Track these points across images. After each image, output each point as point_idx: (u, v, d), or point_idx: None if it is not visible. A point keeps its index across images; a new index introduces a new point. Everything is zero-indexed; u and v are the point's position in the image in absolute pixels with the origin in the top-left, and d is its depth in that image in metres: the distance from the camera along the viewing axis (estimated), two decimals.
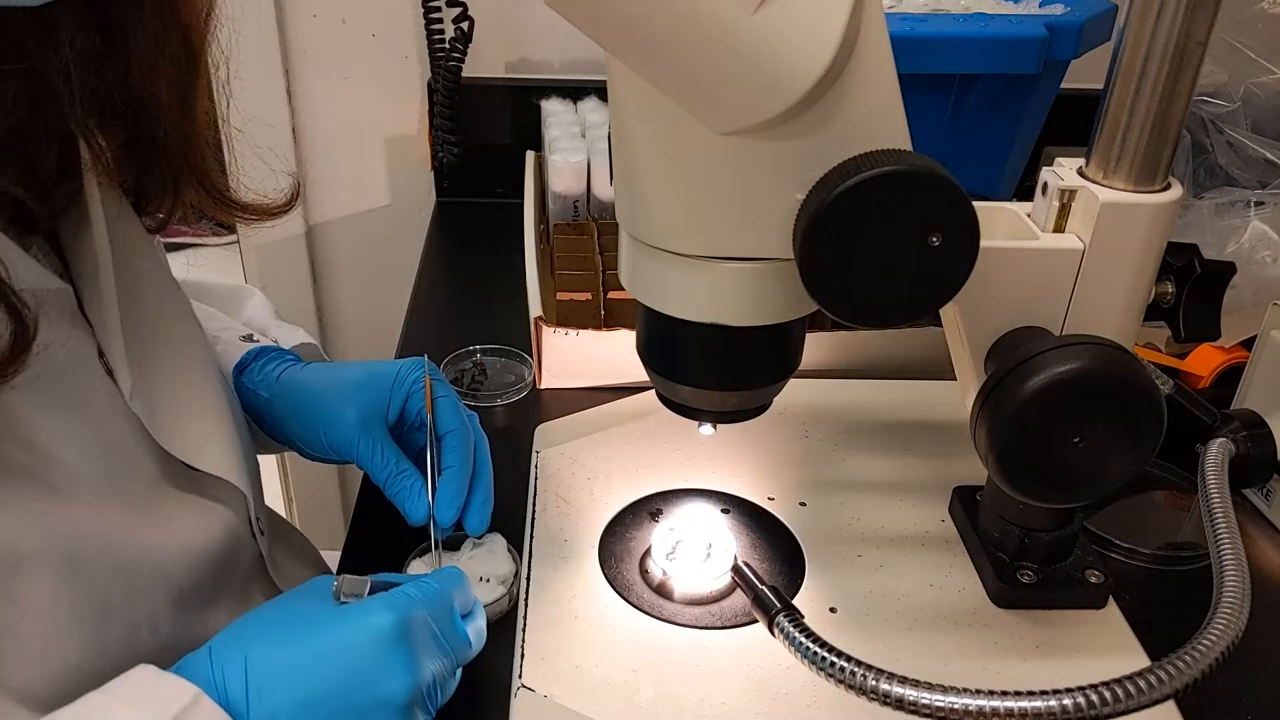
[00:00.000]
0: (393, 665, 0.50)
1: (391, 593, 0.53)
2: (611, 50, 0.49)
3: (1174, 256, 0.60)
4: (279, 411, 0.71)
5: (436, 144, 1.19)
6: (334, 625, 0.51)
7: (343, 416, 0.68)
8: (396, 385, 0.69)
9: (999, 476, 0.57)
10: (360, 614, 0.52)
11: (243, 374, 0.74)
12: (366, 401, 0.68)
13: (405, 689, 0.50)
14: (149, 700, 0.47)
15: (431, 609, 0.54)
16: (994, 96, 0.91)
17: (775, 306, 0.55)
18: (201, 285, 0.84)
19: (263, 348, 0.75)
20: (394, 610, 0.51)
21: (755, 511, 0.73)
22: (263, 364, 0.74)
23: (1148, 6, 0.53)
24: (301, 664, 0.50)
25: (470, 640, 0.57)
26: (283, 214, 0.68)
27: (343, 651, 0.50)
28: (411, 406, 0.69)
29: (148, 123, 0.57)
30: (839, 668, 0.51)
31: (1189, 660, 0.49)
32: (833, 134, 0.48)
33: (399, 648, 0.51)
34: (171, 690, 0.47)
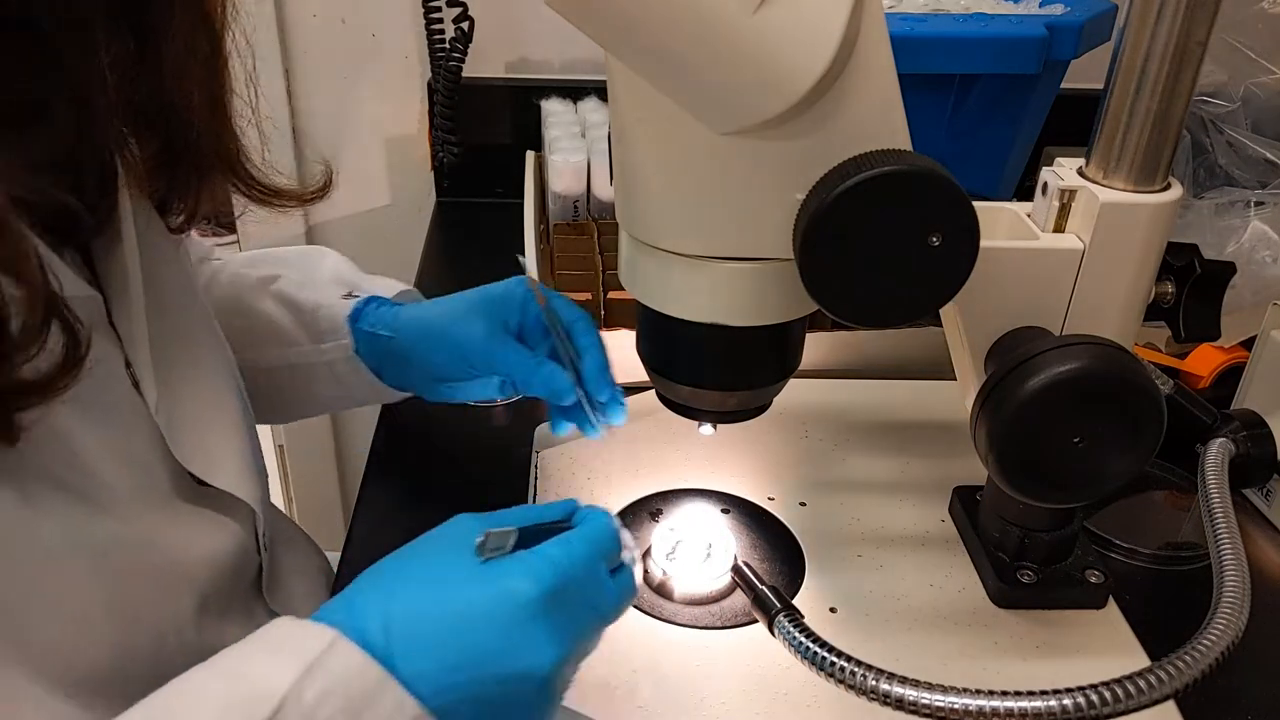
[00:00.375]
0: (536, 639, 0.48)
1: (536, 559, 0.50)
2: (611, 50, 0.49)
3: (1174, 256, 0.60)
4: (404, 346, 0.74)
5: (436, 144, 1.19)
6: (475, 593, 0.49)
7: (472, 332, 0.70)
8: (508, 296, 0.72)
9: (999, 476, 0.57)
10: (502, 581, 0.49)
11: (357, 321, 0.76)
12: (489, 314, 0.71)
13: (548, 662, 0.48)
14: (292, 646, 0.46)
15: (576, 572, 0.50)
16: (994, 96, 0.91)
17: (775, 306, 0.55)
18: (276, 253, 0.86)
19: (369, 298, 0.77)
20: (538, 582, 0.49)
21: (755, 511, 0.73)
22: (376, 307, 0.76)
23: (1148, 6, 0.53)
24: (441, 632, 0.48)
25: (620, 603, 0.53)
26: (317, 199, 0.70)
27: (484, 623, 0.48)
28: (529, 315, 0.72)
29: (180, 127, 0.57)
30: (839, 668, 0.51)
31: (1189, 660, 0.49)
32: (833, 134, 0.48)
33: (542, 622, 0.48)
34: (311, 635, 0.47)
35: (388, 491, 0.79)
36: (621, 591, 0.53)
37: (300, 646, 0.46)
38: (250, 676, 0.45)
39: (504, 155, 1.25)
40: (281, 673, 0.44)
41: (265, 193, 0.65)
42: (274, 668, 0.45)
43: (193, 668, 0.47)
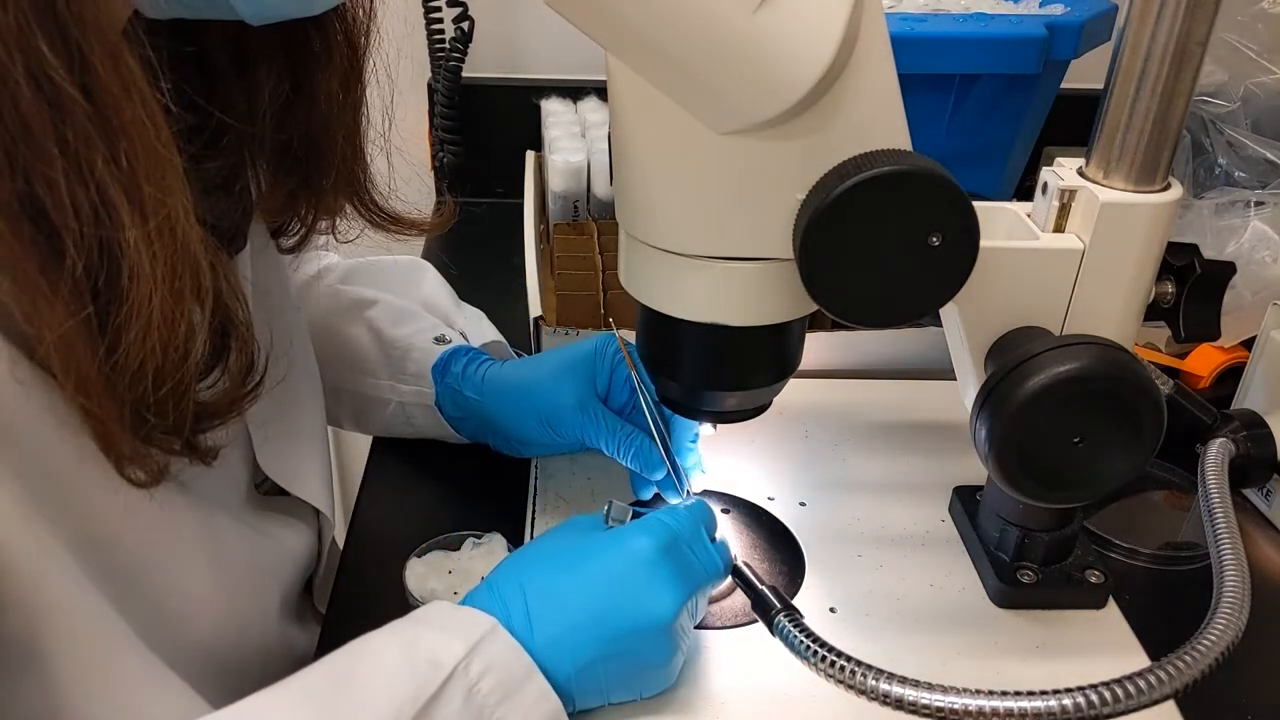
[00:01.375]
0: (655, 585, 0.54)
1: (647, 518, 0.57)
2: (611, 50, 0.49)
3: (1174, 256, 0.60)
4: (489, 409, 0.74)
5: (436, 144, 1.19)
6: (598, 552, 0.55)
7: (561, 402, 0.71)
8: (599, 360, 0.72)
9: (999, 476, 0.57)
10: (620, 540, 0.55)
11: (443, 373, 0.77)
12: (577, 381, 0.72)
13: (669, 607, 0.53)
14: (454, 627, 0.51)
15: (685, 531, 0.56)
16: (994, 96, 0.91)
17: (775, 306, 0.55)
18: (377, 266, 0.88)
19: (456, 349, 0.78)
20: (651, 534, 0.55)
21: (755, 511, 0.73)
22: (463, 365, 0.77)
23: (1148, 6, 0.53)
24: (572, 591, 0.53)
25: (720, 563, 0.58)
26: (438, 230, 0.73)
27: (608, 576, 0.54)
28: (617, 375, 0.72)
29: (320, 169, 0.61)
30: (839, 668, 0.51)
31: (1189, 660, 0.49)
32: (833, 134, 0.48)
33: (659, 569, 0.54)
34: (472, 620, 0.52)
35: (387, 491, 0.79)
36: (721, 556, 0.58)
37: (465, 627, 0.51)
38: (425, 645, 0.50)
39: (504, 155, 1.25)
40: (452, 647, 0.49)
41: (385, 219, 0.68)
42: (445, 642, 0.50)
43: (368, 634, 0.51)
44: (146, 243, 0.41)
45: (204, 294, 0.45)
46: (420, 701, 0.47)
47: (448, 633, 0.50)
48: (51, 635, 0.47)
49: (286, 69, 0.56)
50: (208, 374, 0.49)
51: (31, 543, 0.45)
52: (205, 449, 0.50)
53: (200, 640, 0.55)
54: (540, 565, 0.55)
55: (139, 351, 0.43)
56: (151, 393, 0.44)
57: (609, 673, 0.53)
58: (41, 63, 0.37)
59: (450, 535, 0.69)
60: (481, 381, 0.75)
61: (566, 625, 0.52)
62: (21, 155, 0.38)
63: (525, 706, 0.50)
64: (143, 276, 0.42)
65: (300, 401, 0.67)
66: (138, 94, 0.40)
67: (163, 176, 0.42)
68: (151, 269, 0.42)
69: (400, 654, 0.49)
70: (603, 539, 0.56)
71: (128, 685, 0.50)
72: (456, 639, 0.50)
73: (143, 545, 0.51)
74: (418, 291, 0.86)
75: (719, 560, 0.58)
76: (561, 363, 0.73)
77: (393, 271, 0.88)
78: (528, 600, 0.53)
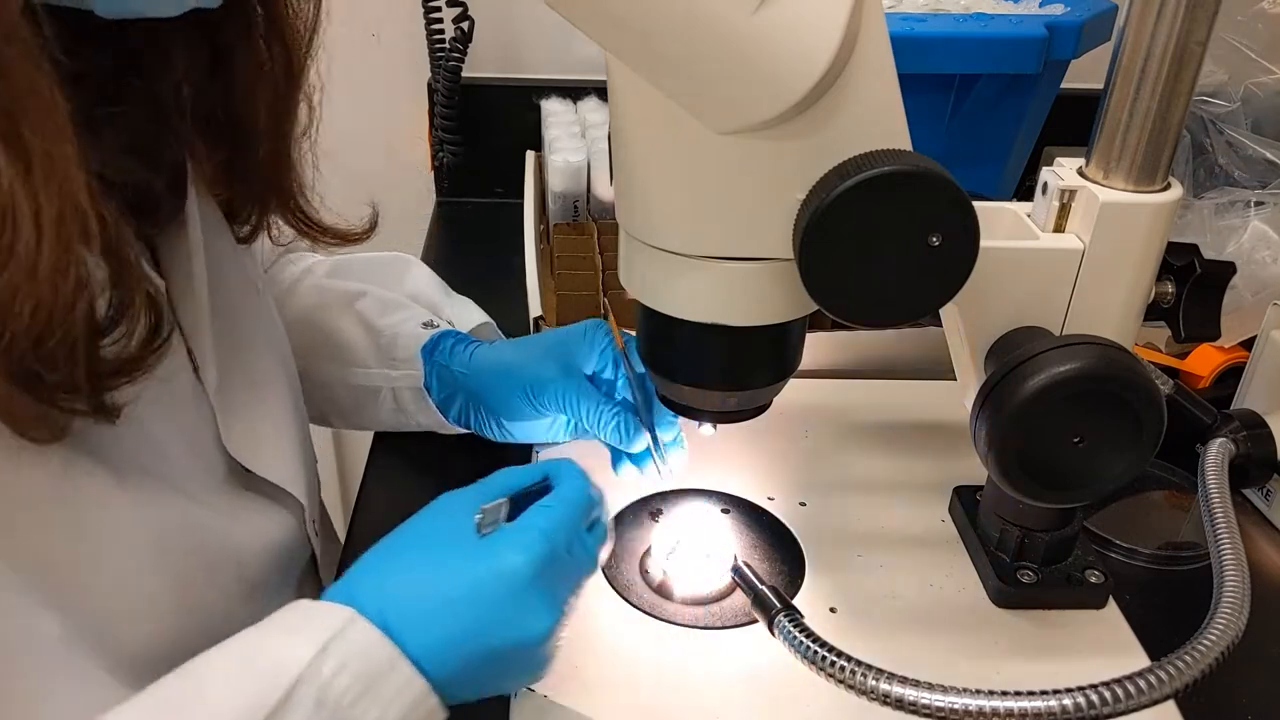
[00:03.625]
0: (530, 610, 0.51)
1: (525, 532, 0.52)
2: (611, 50, 0.49)
3: (1174, 256, 0.60)
4: (475, 385, 0.75)
5: (436, 144, 1.19)
6: (472, 570, 0.51)
7: (546, 375, 0.71)
8: (587, 339, 0.73)
9: (999, 476, 0.57)
10: (496, 557, 0.51)
11: (431, 353, 0.77)
12: (563, 358, 0.72)
13: (543, 630, 0.51)
14: (307, 624, 0.48)
15: (561, 538, 0.53)
16: (994, 96, 0.91)
17: (775, 306, 0.55)
18: (363, 261, 0.88)
19: (445, 332, 0.78)
20: (526, 552, 0.51)
21: (755, 511, 0.73)
22: (451, 344, 0.77)
23: (1148, 6, 0.53)
24: (439, 611, 0.50)
25: (597, 557, 0.56)
26: (362, 240, 0.72)
27: (483, 599, 0.50)
28: (602, 359, 0.73)
29: (246, 143, 0.60)
30: (839, 668, 0.51)
31: (1189, 660, 0.49)
32: (833, 134, 0.48)
33: (535, 591, 0.51)
34: (326, 616, 0.49)
35: (388, 490, 0.79)
36: (598, 543, 0.56)
37: (318, 625, 0.48)
38: (268, 652, 0.47)
39: (504, 155, 1.25)
40: (299, 649, 0.47)
41: (311, 228, 0.68)
42: (292, 645, 0.47)
43: (214, 646, 0.48)
44: (27, 188, 0.41)
45: (91, 243, 0.44)
46: (264, 711, 0.45)
47: (298, 633, 0.48)
48: None
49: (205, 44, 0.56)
50: (110, 330, 0.47)
51: None
52: (111, 408, 0.49)
53: (150, 638, 0.53)
54: (404, 575, 0.52)
55: (24, 299, 0.42)
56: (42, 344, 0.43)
57: (474, 684, 0.51)
58: None
59: None
60: (470, 358, 0.76)
61: (438, 639, 0.49)
62: None
63: (387, 697, 0.47)
64: (23, 221, 0.41)
65: (267, 384, 0.65)
66: (19, 41, 0.40)
67: (45, 122, 0.41)
68: (33, 214, 0.41)
69: (241, 665, 0.47)
70: (478, 550, 0.52)
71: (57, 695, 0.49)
72: (306, 639, 0.47)
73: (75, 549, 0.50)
74: (403, 285, 0.87)
75: (595, 550, 0.56)
76: (550, 340, 0.74)
77: (379, 266, 0.88)
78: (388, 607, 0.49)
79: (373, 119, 1.31)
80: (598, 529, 0.57)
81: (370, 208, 0.73)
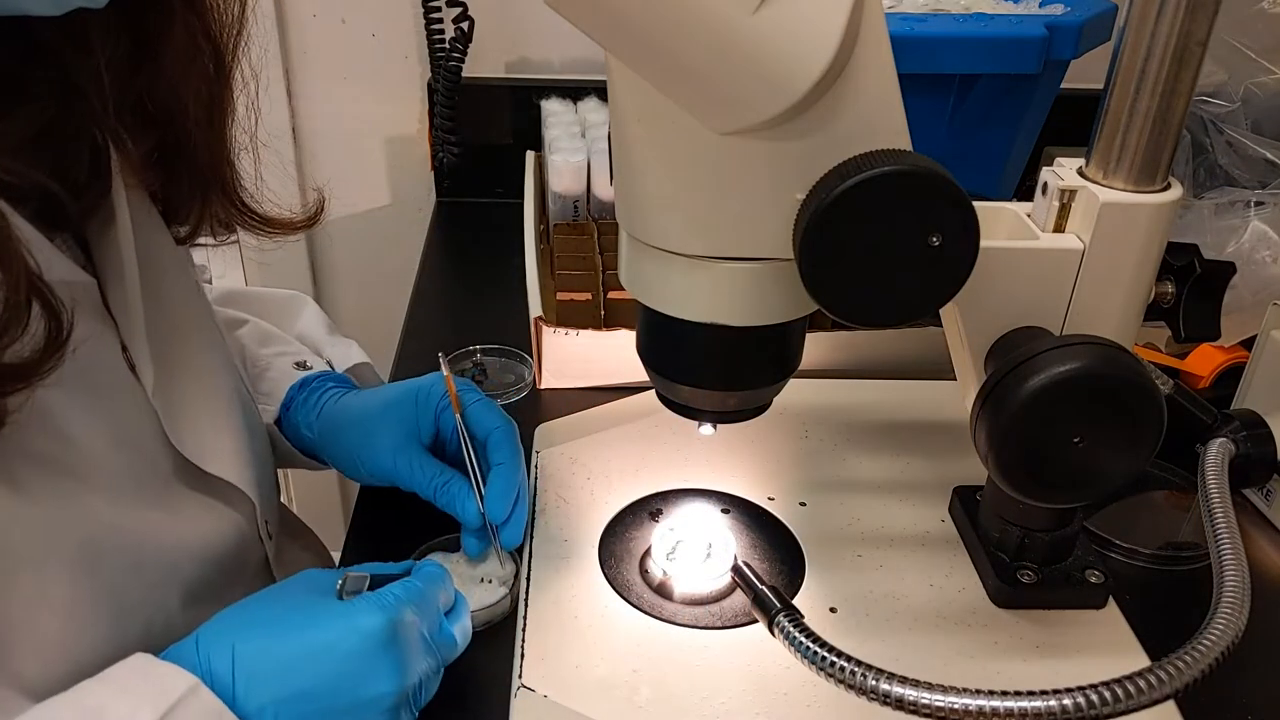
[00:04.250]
0: (380, 667, 0.51)
1: (380, 593, 0.53)
2: (611, 50, 0.49)
3: (1174, 256, 0.60)
4: (323, 448, 0.73)
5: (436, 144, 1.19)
6: (322, 624, 0.51)
7: (377, 444, 0.68)
8: (421, 401, 0.69)
9: (999, 476, 0.57)
10: (348, 614, 0.52)
11: (289, 410, 0.75)
12: (397, 424, 0.69)
13: (392, 690, 0.51)
14: (146, 688, 0.47)
15: (419, 609, 0.54)
16: (994, 96, 0.91)
17: (775, 306, 0.55)
18: (255, 295, 0.86)
19: (308, 377, 0.76)
20: (382, 612, 0.52)
21: (755, 511, 0.73)
22: (305, 397, 0.75)
23: (1148, 6, 0.53)
24: (289, 660, 0.50)
25: (456, 640, 0.57)
26: (305, 228, 0.69)
27: (330, 652, 0.50)
28: (446, 420, 0.69)
29: (175, 132, 0.58)
30: (839, 668, 0.51)
31: (1189, 660, 0.49)
32: (833, 134, 0.48)
33: (387, 651, 0.51)
34: (169, 679, 0.48)
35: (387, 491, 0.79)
36: (460, 630, 0.57)
37: (159, 689, 0.47)
38: (109, 714, 0.46)
39: (504, 155, 1.25)
40: (139, 715, 0.45)
41: (256, 220, 0.66)
42: (132, 710, 0.46)
43: (48, 700, 0.47)
44: None
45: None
46: None
47: (140, 695, 0.46)
48: None
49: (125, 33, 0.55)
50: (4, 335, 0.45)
51: None
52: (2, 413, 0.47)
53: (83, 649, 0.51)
54: (256, 628, 0.51)
55: None
56: None
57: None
58: None
59: (450, 537, 0.69)
60: (317, 419, 0.74)
61: (278, 695, 0.49)
62: None
63: None
64: None
65: (211, 380, 0.64)
66: None
67: None
68: None
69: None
70: (329, 609, 0.52)
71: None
72: (148, 704, 0.46)
73: None
74: (294, 324, 0.85)
75: (453, 640, 0.56)
76: (383, 402, 0.71)
77: (271, 302, 0.86)
78: (235, 663, 0.49)
79: (373, 119, 1.31)
80: (459, 615, 0.57)
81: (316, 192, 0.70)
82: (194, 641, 0.51)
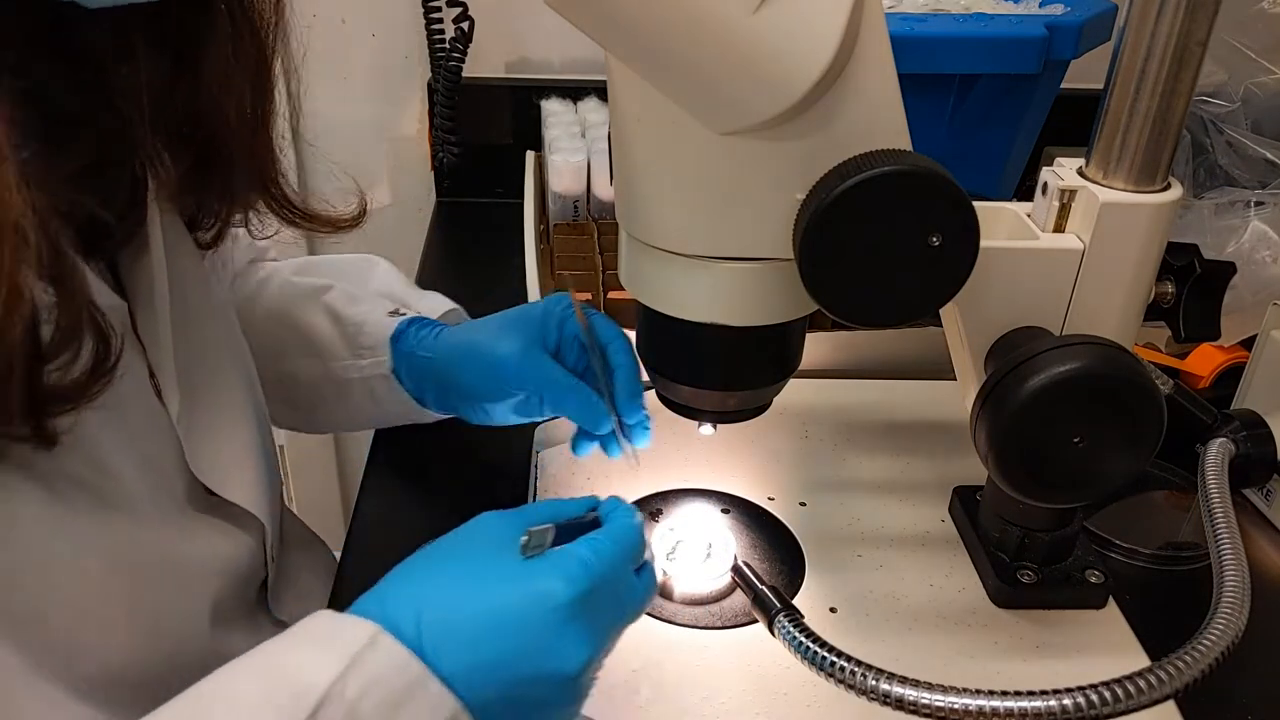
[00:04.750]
0: (568, 640, 0.49)
1: (567, 559, 0.51)
2: (611, 50, 0.49)
3: (1174, 256, 0.60)
4: (442, 366, 0.74)
5: (436, 144, 1.19)
6: (510, 593, 0.49)
7: (507, 352, 0.70)
8: (547, 314, 0.71)
9: (999, 476, 0.57)
10: (537, 582, 0.49)
11: (398, 341, 0.76)
12: (524, 334, 0.71)
13: (579, 662, 0.49)
14: (331, 640, 0.47)
15: (608, 574, 0.51)
16: (994, 96, 0.91)
17: (775, 306, 0.55)
18: (329, 261, 0.87)
19: (412, 319, 0.78)
20: (571, 584, 0.49)
21: (755, 511, 0.73)
22: (417, 329, 0.76)
23: (1148, 6, 0.53)
24: (475, 632, 0.49)
25: (643, 598, 0.54)
26: (351, 227, 0.70)
27: (517, 624, 0.49)
28: (566, 332, 0.71)
29: (214, 146, 0.58)
30: (839, 668, 0.51)
31: (1189, 660, 0.49)
32: (833, 134, 0.48)
33: (575, 623, 0.49)
34: (352, 630, 0.47)
35: (388, 491, 0.79)
36: (645, 589, 0.54)
37: (342, 641, 0.46)
38: (292, 670, 0.45)
39: (504, 155, 1.25)
40: (324, 667, 0.45)
41: (298, 215, 0.66)
42: (316, 661, 0.45)
43: (230, 662, 0.47)
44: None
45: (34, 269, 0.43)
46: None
47: (322, 648, 0.46)
48: None
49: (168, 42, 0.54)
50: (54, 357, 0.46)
51: None
52: (50, 434, 0.47)
53: (116, 662, 0.52)
54: (441, 595, 0.50)
55: None
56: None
57: (510, 707, 0.49)
58: None
59: None
60: (434, 340, 0.75)
61: (470, 663, 0.48)
62: None
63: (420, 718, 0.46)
64: None
65: (232, 404, 0.64)
66: None
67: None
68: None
69: (260, 686, 0.45)
70: (518, 573, 0.50)
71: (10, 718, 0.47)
72: (331, 655, 0.45)
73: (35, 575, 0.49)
74: (370, 283, 0.85)
75: (640, 595, 0.54)
76: (511, 318, 0.73)
77: (345, 265, 0.87)
78: (421, 629, 0.48)
79: (372, 119, 1.31)
80: (645, 574, 0.55)
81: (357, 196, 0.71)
82: (379, 600, 0.50)
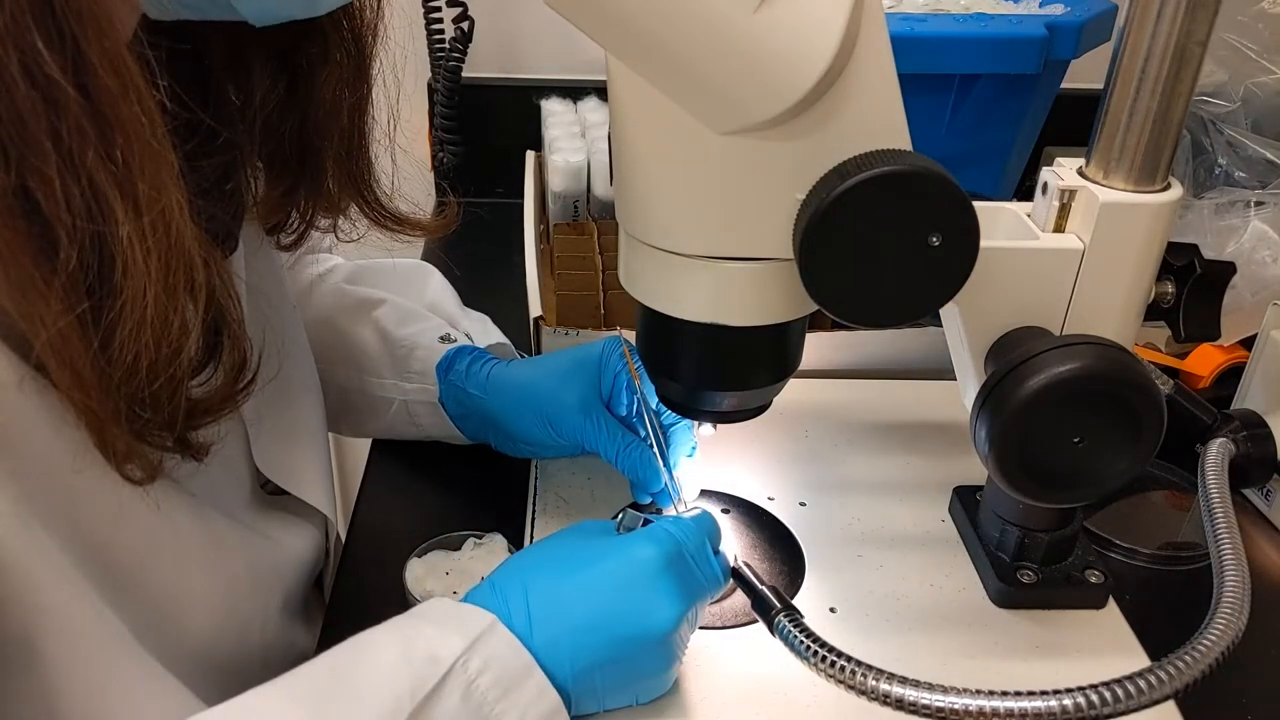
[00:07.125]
0: (657, 595, 0.54)
1: (653, 528, 0.57)
2: (611, 50, 0.49)
3: (1174, 256, 0.60)
4: (492, 408, 0.74)
5: (436, 144, 1.19)
6: (603, 558, 0.55)
7: (565, 403, 0.71)
8: (604, 365, 0.72)
9: (999, 476, 0.57)
10: (625, 547, 0.56)
11: (448, 371, 0.77)
12: (582, 386, 0.72)
13: (670, 619, 0.54)
14: (454, 623, 0.51)
15: (689, 543, 0.57)
16: (994, 96, 0.91)
17: (775, 306, 0.55)
18: (381, 268, 0.88)
19: (461, 348, 0.78)
20: (656, 544, 0.55)
21: (755, 511, 0.73)
22: (467, 363, 0.77)
23: (1148, 6, 0.53)
24: (574, 594, 0.54)
25: (720, 576, 0.58)
26: (442, 231, 0.72)
27: (611, 582, 0.54)
28: (620, 380, 0.72)
29: (313, 173, 0.60)
30: (839, 668, 0.51)
31: (1189, 660, 0.49)
32: (833, 134, 0.48)
33: (662, 579, 0.54)
34: (472, 616, 0.52)
35: (388, 491, 0.79)
36: (724, 569, 0.59)
37: (464, 623, 0.51)
38: (423, 641, 0.50)
39: (504, 155, 1.25)
40: (450, 644, 0.50)
41: (388, 219, 0.68)
42: (444, 638, 0.50)
43: (362, 632, 0.51)
44: (140, 238, 0.41)
45: (198, 290, 0.45)
46: (418, 698, 0.47)
47: (446, 629, 0.51)
48: (48, 635, 0.47)
49: (283, 69, 0.56)
50: (200, 370, 0.49)
51: (29, 544, 0.45)
52: (198, 445, 0.50)
53: (198, 641, 0.55)
54: (544, 567, 0.56)
55: (132, 347, 0.43)
56: (145, 388, 0.44)
57: (606, 678, 0.54)
58: (38, 59, 0.37)
59: (451, 535, 0.69)
60: (486, 379, 0.75)
61: (566, 627, 0.52)
62: (15, 150, 0.38)
63: (524, 703, 0.50)
64: (136, 272, 0.42)
65: (298, 401, 0.66)
66: (134, 91, 0.40)
67: (157, 173, 0.42)
68: (145, 265, 0.42)
69: (398, 650, 0.50)
70: (608, 545, 0.56)
71: (123, 685, 0.50)
72: (455, 635, 0.50)
73: (140, 546, 0.51)
74: (423, 295, 0.86)
75: (719, 573, 0.58)
76: (567, 364, 0.73)
77: (398, 274, 0.88)
78: (529, 600, 0.53)
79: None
80: (723, 557, 0.59)
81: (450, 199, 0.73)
82: (490, 585, 0.55)
